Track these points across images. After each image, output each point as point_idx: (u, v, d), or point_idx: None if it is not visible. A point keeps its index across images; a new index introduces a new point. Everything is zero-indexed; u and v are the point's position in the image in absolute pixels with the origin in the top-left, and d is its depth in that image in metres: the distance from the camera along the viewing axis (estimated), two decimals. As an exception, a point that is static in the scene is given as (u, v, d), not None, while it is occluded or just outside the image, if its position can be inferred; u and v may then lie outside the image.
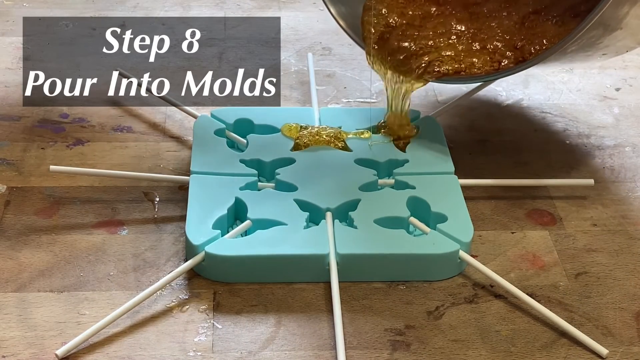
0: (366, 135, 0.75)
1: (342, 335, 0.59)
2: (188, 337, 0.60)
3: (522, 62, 0.72)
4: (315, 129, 0.74)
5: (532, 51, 0.72)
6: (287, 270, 0.64)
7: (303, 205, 0.68)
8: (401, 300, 0.64)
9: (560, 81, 0.89)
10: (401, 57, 0.73)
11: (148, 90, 0.82)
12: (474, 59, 0.73)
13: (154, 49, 0.91)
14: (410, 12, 0.76)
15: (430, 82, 0.73)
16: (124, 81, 0.84)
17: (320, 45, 0.93)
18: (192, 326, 0.61)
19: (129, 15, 0.97)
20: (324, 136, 0.74)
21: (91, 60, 0.89)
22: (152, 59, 0.89)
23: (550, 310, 0.62)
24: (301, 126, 0.75)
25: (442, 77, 0.72)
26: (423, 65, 0.72)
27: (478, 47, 0.73)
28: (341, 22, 0.78)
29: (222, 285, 0.64)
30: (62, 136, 0.78)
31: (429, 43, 0.74)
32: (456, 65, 0.72)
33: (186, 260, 0.65)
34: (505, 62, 0.72)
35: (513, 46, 0.73)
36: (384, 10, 0.75)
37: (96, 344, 0.59)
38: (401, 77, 0.73)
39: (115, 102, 0.83)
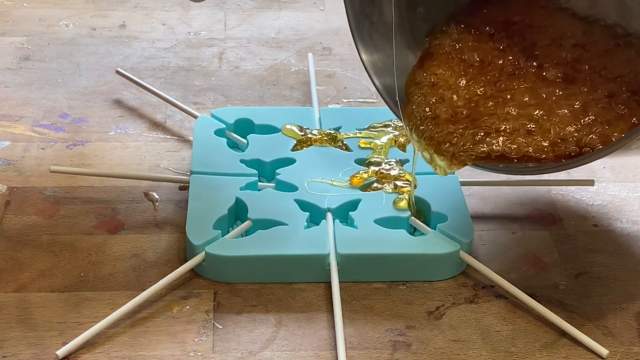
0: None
1: (343, 336, 0.59)
2: (188, 337, 0.60)
3: (574, 156, 0.60)
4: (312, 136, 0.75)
5: (589, 143, 0.60)
6: (288, 271, 0.64)
7: (303, 205, 0.68)
8: (402, 300, 0.64)
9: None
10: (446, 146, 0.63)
11: (148, 90, 0.82)
12: (528, 147, 0.61)
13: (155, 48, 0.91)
14: (460, 101, 0.65)
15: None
16: (124, 81, 0.84)
17: (321, 45, 0.93)
18: (193, 326, 0.61)
19: (129, 15, 0.97)
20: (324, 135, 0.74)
21: (91, 60, 0.89)
22: (152, 59, 0.89)
23: (551, 310, 0.62)
24: (300, 128, 0.75)
25: (484, 161, 0.62)
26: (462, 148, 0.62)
27: (534, 135, 0.62)
28: (376, 81, 0.68)
29: (223, 286, 0.64)
30: (62, 136, 0.78)
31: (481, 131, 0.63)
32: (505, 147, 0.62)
33: (186, 260, 0.65)
34: (561, 154, 0.61)
35: (572, 137, 0.61)
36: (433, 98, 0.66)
37: (96, 344, 0.59)
38: (436, 157, 0.64)
39: (115, 102, 0.83)
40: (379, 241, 0.65)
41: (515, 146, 0.62)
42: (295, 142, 0.74)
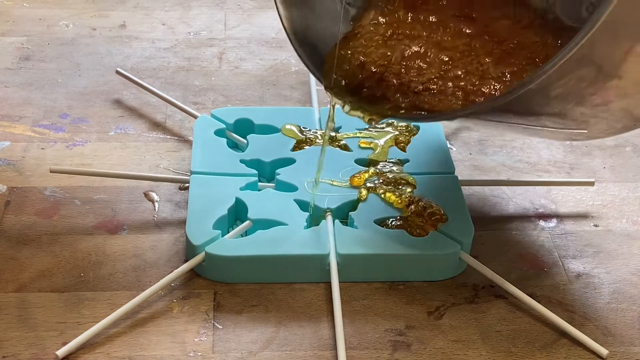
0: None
1: (343, 336, 0.59)
2: (188, 337, 0.60)
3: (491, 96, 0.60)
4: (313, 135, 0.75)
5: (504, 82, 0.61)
6: (288, 271, 0.64)
7: (303, 205, 0.68)
8: (401, 300, 0.64)
9: (561, 81, 0.88)
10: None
11: (148, 90, 0.82)
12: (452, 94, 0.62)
13: (155, 48, 0.91)
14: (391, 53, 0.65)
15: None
16: (124, 81, 0.84)
17: (321, 45, 0.93)
18: (193, 326, 0.61)
19: (129, 15, 0.97)
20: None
21: (91, 60, 0.89)
22: (152, 59, 0.89)
23: (551, 310, 0.62)
24: (302, 128, 0.75)
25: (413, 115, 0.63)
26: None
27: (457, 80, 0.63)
28: (290, 35, 0.68)
29: (223, 286, 0.64)
30: (62, 136, 0.78)
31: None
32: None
33: (186, 260, 0.65)
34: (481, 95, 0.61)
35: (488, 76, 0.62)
36: (362, 57, 0.66)
37: (96, 344, 0.59)
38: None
39: (115, 102, 0.83)
40: (379, 241, 0.65)
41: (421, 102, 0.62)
42: (295, 142, 0.74)
